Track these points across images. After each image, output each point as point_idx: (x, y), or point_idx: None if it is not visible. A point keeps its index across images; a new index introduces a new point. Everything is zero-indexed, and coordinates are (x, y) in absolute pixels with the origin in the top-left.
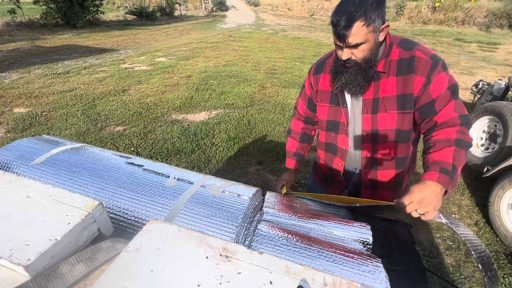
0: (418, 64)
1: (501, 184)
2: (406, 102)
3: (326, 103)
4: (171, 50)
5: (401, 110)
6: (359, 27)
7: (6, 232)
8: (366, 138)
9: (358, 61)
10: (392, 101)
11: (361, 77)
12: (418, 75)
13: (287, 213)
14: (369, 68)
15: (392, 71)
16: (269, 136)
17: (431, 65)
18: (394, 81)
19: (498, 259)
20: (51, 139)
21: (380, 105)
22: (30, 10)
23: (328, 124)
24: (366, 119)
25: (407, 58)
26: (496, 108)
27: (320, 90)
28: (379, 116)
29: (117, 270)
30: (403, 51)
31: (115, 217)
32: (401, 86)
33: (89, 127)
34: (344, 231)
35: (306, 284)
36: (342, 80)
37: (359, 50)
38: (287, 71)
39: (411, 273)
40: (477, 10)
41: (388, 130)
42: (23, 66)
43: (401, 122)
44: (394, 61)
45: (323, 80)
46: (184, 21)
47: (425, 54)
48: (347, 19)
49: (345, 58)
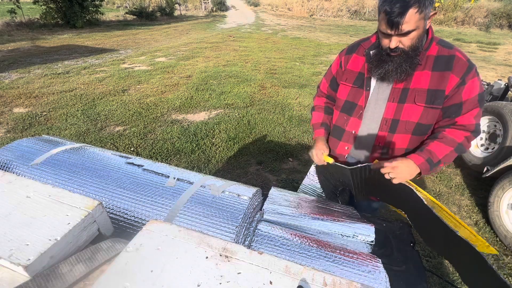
0: (457, 64)
1: (501, 184)
2: (436, 97)
3: (350, 83)
4: (171, 50)
5: (430, 104)
6: (412, 14)
7: (6, 232)
8: (384, 126)
9: (406, 49)
10: (423, 94)
11: (407, 65)
12: (454, 74)
13: (288, 213)
14: (416, 56)
15: (428, 66)
16: (269, 136)
17: (467, 68)
18: (428, 75)
19: (498, 259)
20: (51, 139)
21: (409, 95)
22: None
23: (345, 104)
24: (390, 107)
25: (446, 55)
26: (496, 108)
27: (348, 69)
28: (405, 106)
29: (117, 270)
30: (442, 48)
31: (115, 217)
32: (435, 81)
33: (89, 127)
34: (346, 230)
35: (306, 284)
36: (385, 68)
37: (408, 38)
38: (287, 71)
39: (411, 273)
40: (477, 10)
41: (410, 122)
42: (23, 66)
43: (425, 116)
44: (432, 56)
45: (354, 60)
46: (184, 21)
47: (463, 56)
48: (402, 6)
49: (393, 46)
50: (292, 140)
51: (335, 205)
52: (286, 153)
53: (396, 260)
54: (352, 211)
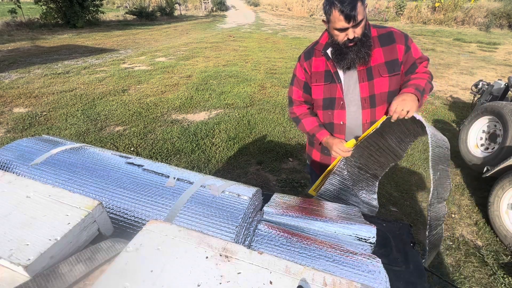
0: (397, 36)
1: (501, 184)
2: (394, 66)
3: (321, 82)
4: (171, 50)
5: (392, 73)
6: (360, 5)
7: (6, 232)
8: (365, 104)
9: (360, 37)
10: (383, 67)
11: (364, 50)
12: (399, 44)
13: (288, 213)
14: (368, 40)
15: (377, 44)
16: (269, 136)
17: (405, 37)
18: (380, 52)
19: (498, 259)
20: (51, 139)
21: (374, 72)
22: (30, 10)
23: (324, 101)
24: (363, 87)
25: (385, 33)
26: (496, 108)
27: (314, 72)
28: (375, 81)
29: (117, 270)
30: (379, 29)
31: (115, 217)
32: (388, 54)
33: (89, 127)
34: (346, 230)
35: (306, 284)
36: (348, 58)
37: (360, 27)
38: (287, 71)
39: (411, 273)
40: (477, 10)
41: (383, 93)
42: (23, 66)
43: (392, 84)
44: (375, 36)
45: (315, 63)
46: (184, 21)
47: (398, 30)
48: (350, 2)
49: (352, 37)
50: (292, 140)
51: (336, 206)
52: (286, 153)
53: (396, 260)
54: (354, 211)
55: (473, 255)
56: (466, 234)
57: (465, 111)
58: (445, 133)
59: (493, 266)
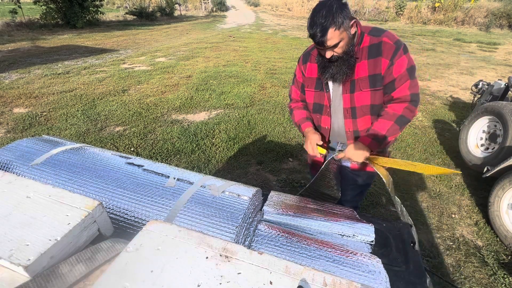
0: (385, 48)
1: (501, 184)
2: (376, 80)
3: (312, 88)
4: (171, 50)
5: (373, 87)
6: (332, 32)
7: (6, 232)
8: (347, 114)
9: (340, 55)
10: (365, 81)
11: (346, 67)
12: (384, 57)
13: (288, 213)
14: (350, 57)
15: (364, 56)
16: (269, 136)
17: (394, 50)
18: (365, 64)
19: (498, 259)
20: (51, 139)
21: (356, 85)
22: (30, 10)
23: (314, 106)
24: (346, 98)
25: (376, 43)
26: (496, 108)
27: (307, 77)
28: (356, 95)
29: (117, 270)
30: (372, 38)
31: (115, 217)
32: (372, 68)
33: (89, 127)
34: (346, 230)
35: (306, 284)
36: (330, 72)
37: (339, 48)
38: (287, 71)
39: (411, 273)
40: (477, 10)
41: (364, 106)
42: (23, 66)
43: (374, 98)
44: (366, 47)
45: (309, 68)
46: (184, 21)
47: (390, 40)
48: (321, 30)
49: (329, 57)
50: (292, 140)
51: (335, 206)
52: (286, 153)
53: (396, 260)
54: (352, 212)
55: (473, 255)
56: (466, 234)
57: (465, 111)
58: (445, 133)
59: (494, 266)
